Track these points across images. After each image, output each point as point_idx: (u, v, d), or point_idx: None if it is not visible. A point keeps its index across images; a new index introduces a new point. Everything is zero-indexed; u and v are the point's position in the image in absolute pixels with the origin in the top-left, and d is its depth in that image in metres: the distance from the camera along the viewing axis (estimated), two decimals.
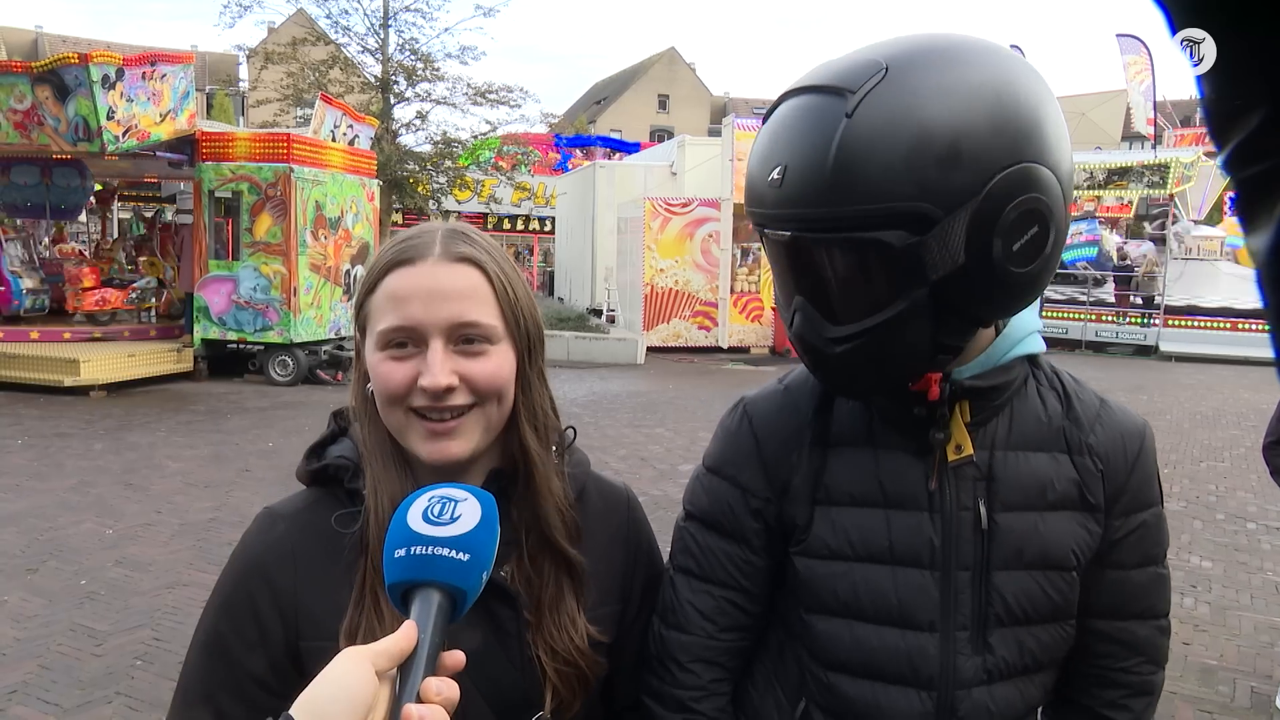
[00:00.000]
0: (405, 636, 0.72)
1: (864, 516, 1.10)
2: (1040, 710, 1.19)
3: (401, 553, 0.77)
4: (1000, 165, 0.93)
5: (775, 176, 0.97)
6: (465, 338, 1.01)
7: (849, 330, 0.99)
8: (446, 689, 0.71)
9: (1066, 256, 20.21)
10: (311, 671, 0.98)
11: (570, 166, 27.46)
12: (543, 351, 1.10)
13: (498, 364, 1.02)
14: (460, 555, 0.76)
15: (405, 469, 1.04)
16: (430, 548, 0.76)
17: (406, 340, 1.00)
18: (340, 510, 1.03)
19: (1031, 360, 1.15)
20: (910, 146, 0.92)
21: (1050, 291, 16.87)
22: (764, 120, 1.05)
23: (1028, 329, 1.11)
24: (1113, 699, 1.17)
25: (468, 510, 0.80)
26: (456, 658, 0.75)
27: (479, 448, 1.04)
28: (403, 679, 0.71)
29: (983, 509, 1.08)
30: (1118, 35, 19.24)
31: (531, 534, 1.06)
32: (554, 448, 1.11)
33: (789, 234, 0.98)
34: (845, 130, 0.93)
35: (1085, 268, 18.45)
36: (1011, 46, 1.14)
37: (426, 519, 0.79)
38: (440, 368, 0.98)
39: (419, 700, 0.69)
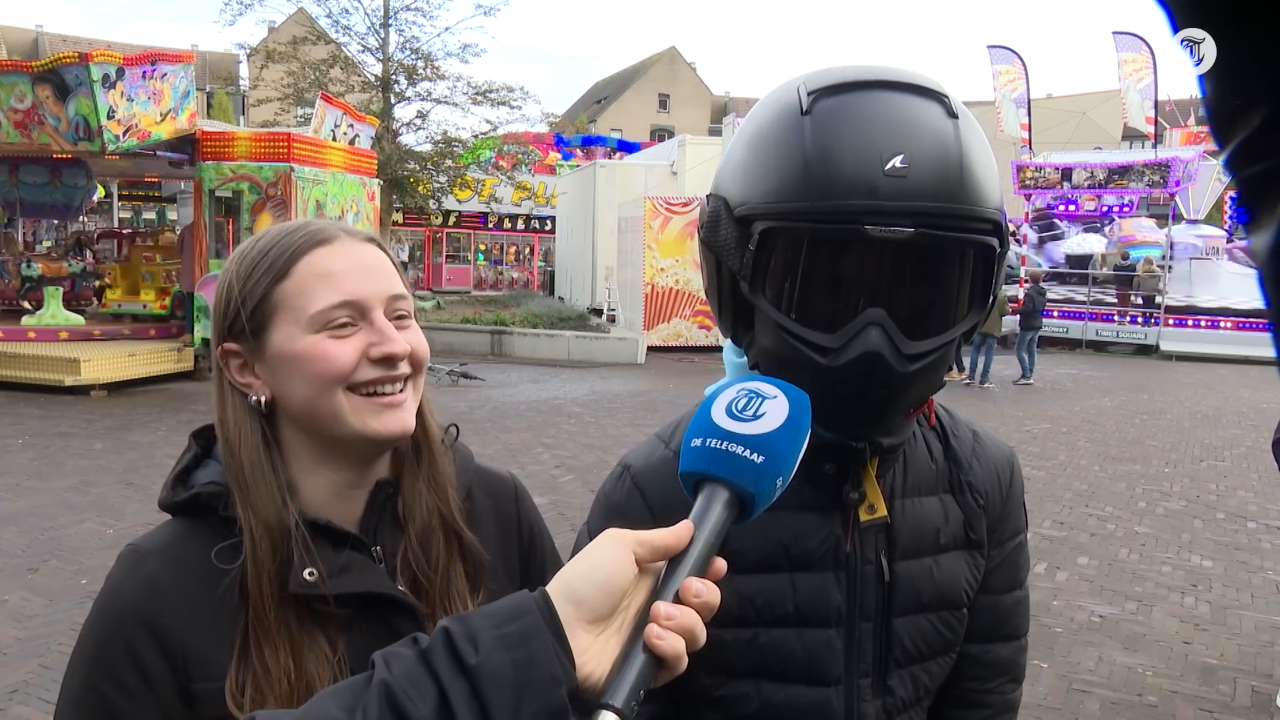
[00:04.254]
0: (676, 533, 0.67)
1: (768, 582, 1.04)
2: None
3: (697, 443, 0.72)
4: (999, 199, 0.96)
5: (900, 165, 0.87)
6: (397, 312, 0.99)
7: (926, 346, 0.91)
8: (707, 593, 0.66)
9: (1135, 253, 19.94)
10: (207, 714, 0.90)
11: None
12: None
13: (422, 336, 1.01)
14: (754, 456, 0.70)
15: (285, 493, 0.95)
16: (724, 443, 0.71)
17: (349, 317, 0.95)
18: (219, 542, 0.94)
19: None
20: (990, 159, 0.93)
21: (1053, 291, 16.87)
22: (805, 112, 0.91)
23: None
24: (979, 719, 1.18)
25: (773, 409, 0.73)
26: (719, 566, 0.70)
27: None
28: (666, 575, 0.67)
29: (884, 561, 1.05)
30: (1115, 33, 19.23)
31: (419, 519, 1.02)
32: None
33: (911, 229, 0.87)
34: (959, 130, 0.90)
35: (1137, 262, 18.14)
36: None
37: (730, 413, 0.73)
38: (397, 334, 0.96)
39: (677, 600, 0.65)
